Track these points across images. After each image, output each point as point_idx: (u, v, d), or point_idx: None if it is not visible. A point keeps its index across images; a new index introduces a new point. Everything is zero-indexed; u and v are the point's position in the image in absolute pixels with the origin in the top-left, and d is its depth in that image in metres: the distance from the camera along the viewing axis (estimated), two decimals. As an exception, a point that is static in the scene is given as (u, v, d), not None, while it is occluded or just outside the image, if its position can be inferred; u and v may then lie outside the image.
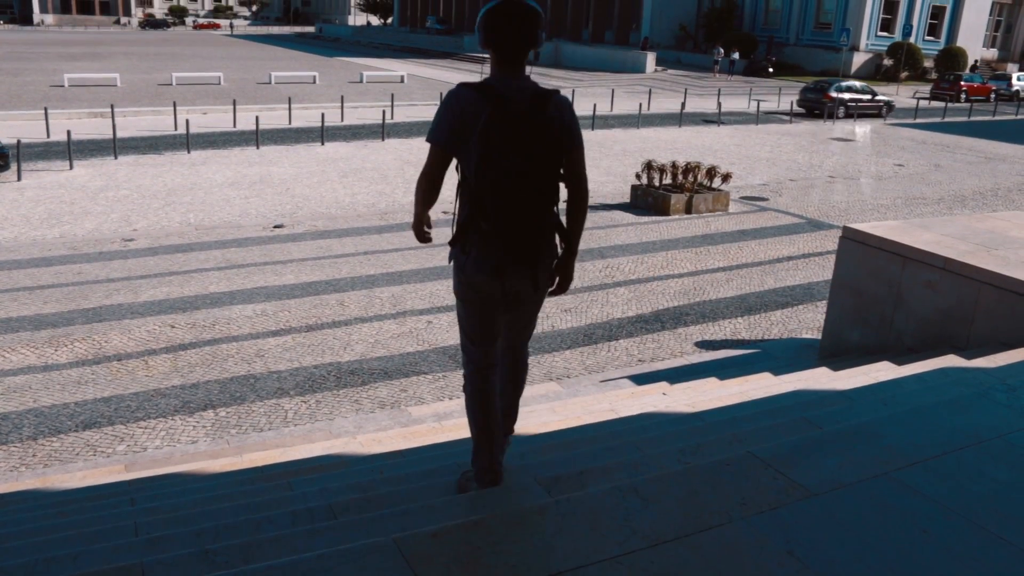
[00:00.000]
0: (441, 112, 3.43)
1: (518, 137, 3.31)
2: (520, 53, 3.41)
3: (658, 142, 26.26)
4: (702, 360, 9.00)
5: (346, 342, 9.29)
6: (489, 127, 3.28)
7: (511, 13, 3.35)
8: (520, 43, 3.39)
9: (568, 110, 3.47)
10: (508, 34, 3.37)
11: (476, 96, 3.34)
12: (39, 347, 8.94)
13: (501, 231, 3.38)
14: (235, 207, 16.36)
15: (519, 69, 3.42)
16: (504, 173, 3.33)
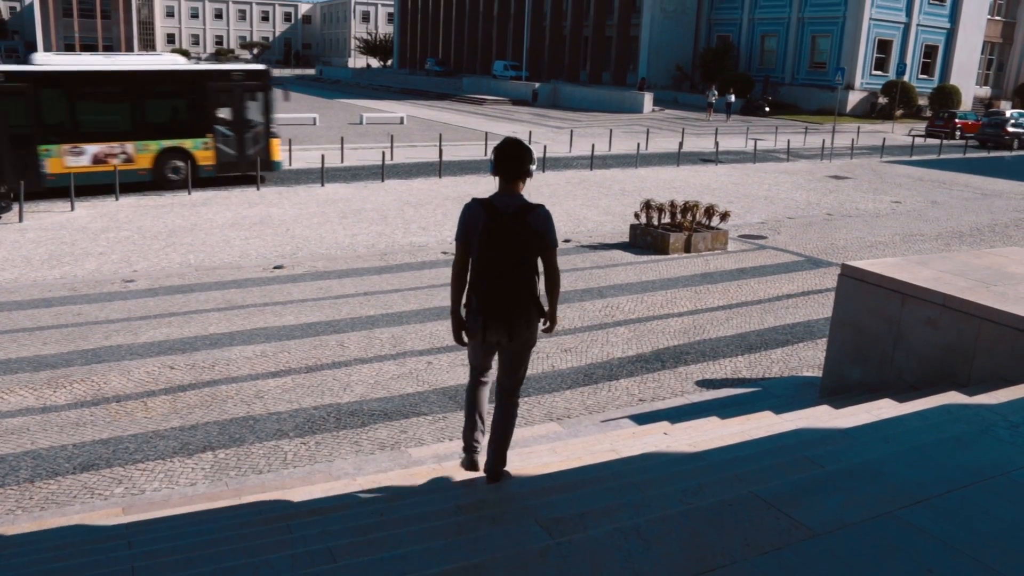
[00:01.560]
0: (460, 219, 5.00)
1: (503, 238, 4.79)
2: (513, 180, 4.95)
3: (656, 181, 26.41)
4: (703, 399, 8.96)
5: (346, 383, 9.26)
6: (484, 230, 4.81)
7: (508, 153, 4.93)
8: (513, 174, 4.95)
9: (544, 219, 4.92)
10: (506, 167, 4.94)
11: (479, 208, 4.91)
12: (38, 388, 8.92)
13: (483, 304, 4.92)
14: (235, 248, 16.41)
15: (514, 188, 4.95)
16: (489, 263, 4.84)
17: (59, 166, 20.63)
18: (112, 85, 21.87)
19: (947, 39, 59.49)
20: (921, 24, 57.84)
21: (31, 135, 20.44)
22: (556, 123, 46.39)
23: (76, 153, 20.89)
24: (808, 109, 55.88)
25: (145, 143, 21.83)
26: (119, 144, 21.49)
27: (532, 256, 4.91)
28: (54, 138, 20.70)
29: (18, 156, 20.18)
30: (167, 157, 22.16)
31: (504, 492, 5.21)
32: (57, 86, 21.05)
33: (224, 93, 23.10)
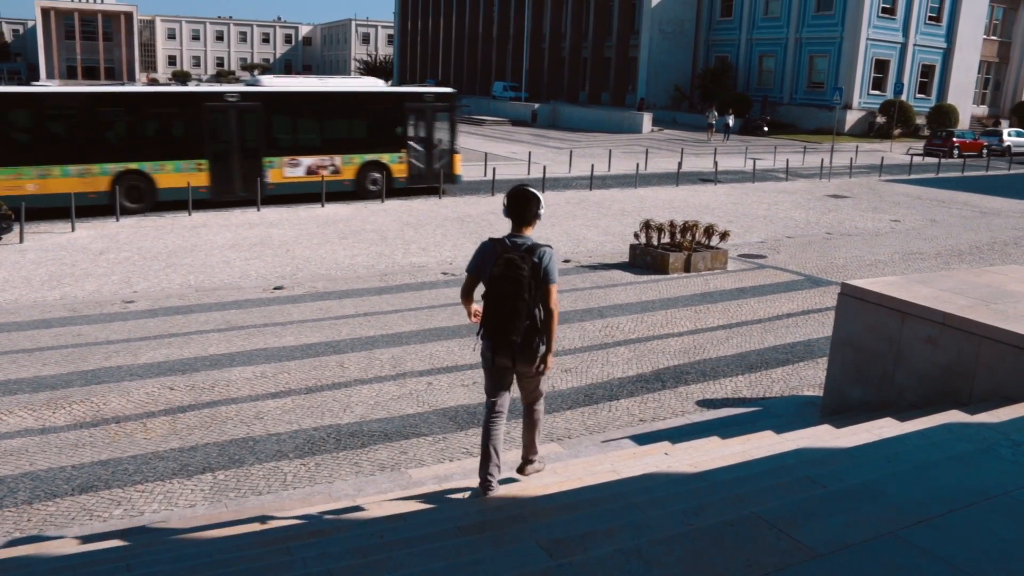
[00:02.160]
0: (475, 253, 5.73)
1: (512, 273, 5.44)
2: (522, 223, 5.64)
3: (656, 201, 26.47)
4: (703, 419, 8.94)
5: (346, 404, 9.24)
6: (495, 265, 5.50)
7: (518, 200, 5.63)
8: (522, 218, 5.64)
9: (548, 259, 5.56)
10: (515, 212, 5.64)
11: (492, 246, 5.62)
12: (37, 409, 8.90)
13: (492, 332, 5.63)
14: (235, 269, 16.43)
15: (523, 229, 5.64)
16: (499, 294, 5.52)
17: (279, 176, 23.84)
18: (325, 105, 24.83)
19: (944, 59, 59.83)
20: (918, 44, 58.19)
21: (258, 148, 23.48)
22: (556, 143, 46.56)
23: (293, 165, 24.07)
24: (806, 128, 56.12)
25: (350, 157, 24.86)
26: (329, 157, 24.52)
27: (536, 290, 5.55)
28: (276, 151, 23.74)
29: (247, 166, 23.32)
30: (367, 169, 25.22)
31: (505, 513, 5.20)
32: (281, 105, 24.19)
33: (417, 112, 26.06)
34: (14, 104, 21.57)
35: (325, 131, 24.88)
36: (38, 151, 21.19)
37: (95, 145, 21.83)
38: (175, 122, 23.15)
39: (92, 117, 22.02)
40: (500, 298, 5.51)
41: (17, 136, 21.44)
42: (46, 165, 21.03)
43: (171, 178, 22.36)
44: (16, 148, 21.10)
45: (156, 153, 22.38)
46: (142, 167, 22.10)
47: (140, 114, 22.73)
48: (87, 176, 21.44)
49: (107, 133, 22.28)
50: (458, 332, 12.10)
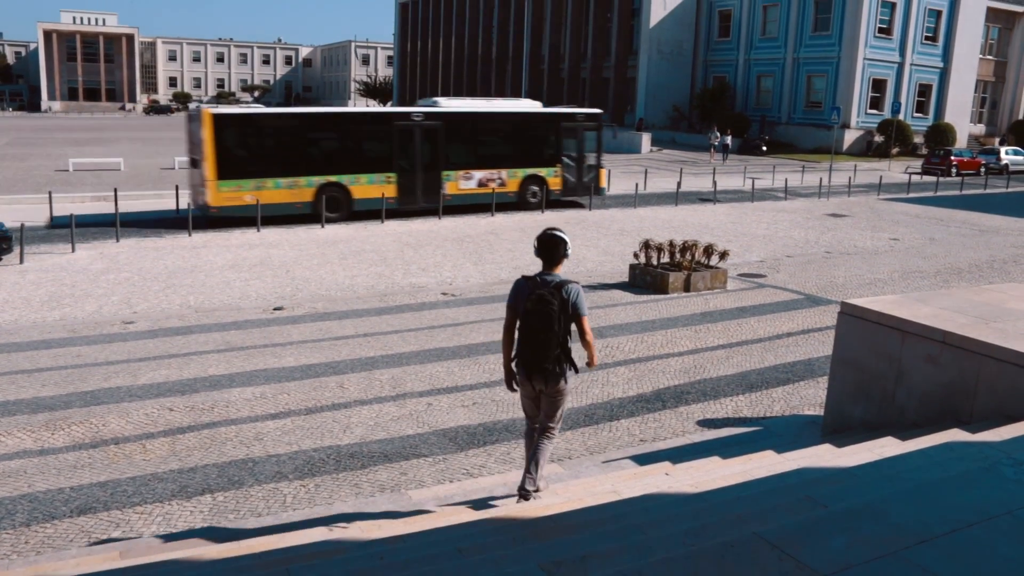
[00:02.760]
0: (511, 290, 6.34)
1: (543, 307, 6.05)
2: (552, 263, 6.27)
3: (655, 221, 26.53)
4: (704, 439, 8.91)
5: (345, 425, 9.22)
6: (528, 300, 6.10)
7: (547, 243, 6.27)
8: (551, 258, 6.28)
9: (576, 294, 6.18)
10: (545, 253, 6.28)
11: (526, 282, 6.25)
12: (36, 431, 8.87)
13: (527, 359, 6.25)
14: (235, 289, 16.44)
15: (552, 269, 6.27)
16: (532, 326, 6.13)
17: (454, 188, 26.45)
18: (494, 124, 28.02)
19: (941, 78, 60.17)
20: (915, 64, 58.54)
21: (437, 163, 26.05)
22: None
23: (467, 178, 26.70)
24: (805, 148, 56.34)
25: (514, 171, 27.47)
26: (496, 172, 27.12)
27: (565, 322, 6.15)
28: (452, 166, 26.33)
29: (428, 179, 25.95)
30: (528, 183, 27.79)
31: (505, 534, 5.17)
32: (457, 124, 26.66)
33: (570, 131, 28.54)
34: (236, 124, 24.07)
35: (493, 148, 27.64)
36: (255, 166, 23.77)
37: (302, 160, 24.47)
38: (369, 139, 25.89)
39: (301, 135, 24.92)
40: (533, 330, 6.15)
41: (238, 152, 23.73)
42: (261, 178, 23.62)
43: (365, 190, 25.06)
44: (236, 163, 23.36)
45: (352, 167, 25.00)
46: (341, 180, 24.72)
47: (340, 132, 25.77)
48: (295, 188, 24.10)
49: (312, 149, 25.03)
50: (458, 353, 12.09)
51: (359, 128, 26.36)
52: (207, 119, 22.81)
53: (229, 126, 23.53)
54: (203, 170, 22.99)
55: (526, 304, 6.13)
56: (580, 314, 6.18)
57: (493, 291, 16.46)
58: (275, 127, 25.18)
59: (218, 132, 22.92)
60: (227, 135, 23.28)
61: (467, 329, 13.46)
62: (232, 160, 23.24)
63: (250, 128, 24.52)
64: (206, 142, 22.76)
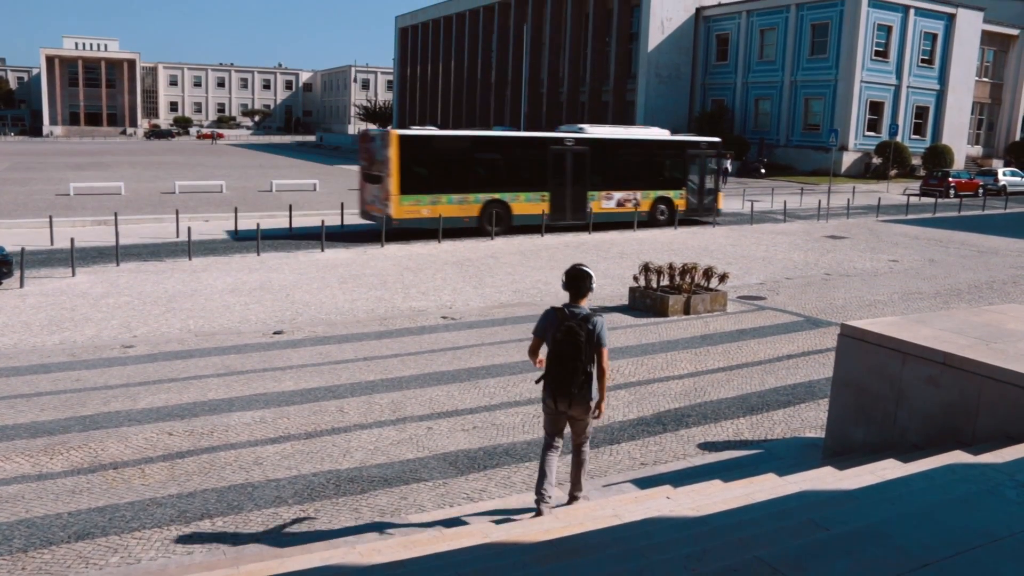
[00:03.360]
0: (539, 319, 6.97)
1: (570, 337, 6.69)
2: (578, 296, 6.93)
3: (655, 244, 26.58)
4: (705, 462, 8.88)
5: (345, 449, 9.18)
6: (557, 330, 6.75)
7: (575, 278, 6.95)
8: (578, 291, 6.95)
9: (600, 326, 6.79)
10: (572, 287, 6.96)
11: (555, 313, 6.85)
12: (34, 455, 8.83)
13: (554, 383, 6.84)
14: (235, 313, 16.43)
15: (579, 301, 6.91)
16: (559, 354, 6.74)
17: (597, 207, 29.36)
18: (631, 149, 30.84)
19: (937, 100, 60.55)
20: (911, 86, 58.92)
21: (584, 183, 28.88)
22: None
23: (608, 198, 29.72)
24: (803, 170, 56.57)
25: (647, 192, 30.56)
26: (632, 193, 30.18)
27: (589, 351, 6.75)
28: (596, 186, 29.25)
29: (576, 198, 28.80)
30: (658, 203, 30.86)
31: (506, 560, 5.14)
32: (601, 149, 29.49)
33: (693, 157, 31.77)
34: (417, 144, 26.46)
35: (630, 171, 30.37)
36: (431, 183, 26.48)
37: (471, 179, 27.26)
38: (528, 161, 28.37)
39: (470, 156, 27.60)
40: (562, 358, 6.75)
41: (418, 170, 26.19)
42: (436, 194, 26.38)
43: (523, 206, 27.95)
44: (416, 180, 25.97)
45: (513, 186, 27.78)
46: (503, 197, 27.57)
47: (503, 154, 28.23)
48: (464, 204, 26.94)
49: (480, 169, 27.55)
50: (458, 376, 12.07)
51: (519, 151, 28.90)
52: (394, 139, 25.50)
53: (412, 146, 26.05)
54: (386, 186, 25.55)
55: (556, 335, 6.77)
56: (602, 345, 6.83)
57: (493, 315, 16.46)
58: (449, 148, 27.77)
59: (402, 151, 25.55)
60: (409, 154, 25.82)
61: (467, 353, 13.44)
62: (413, 177, 25.81)
63: (429, 148, 26.94)
64: (391, 160, 25.35)
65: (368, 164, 27.21)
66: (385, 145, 25.73)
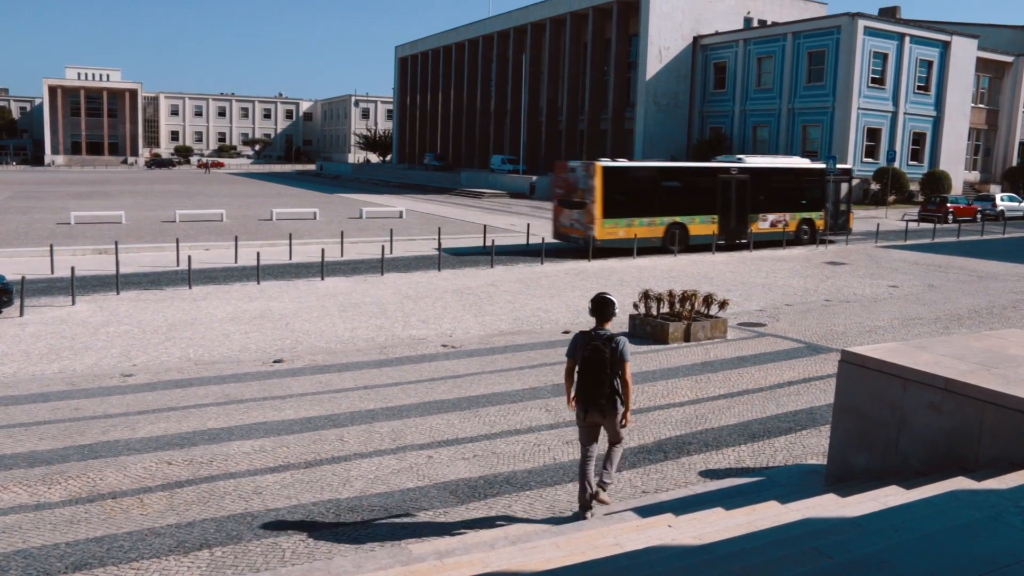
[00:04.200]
0: (571, 342, 7.94)
1: (597, 356, 7.64)
2: (603, 320, 7.82)
3: (654, 271, 26.61)
4: (707, 490, 8.83)
5: (345, 478, 9.14)
6: (585, 351, 7.70)
7: (599, 305, 7.84)
8: (602, 316, 7.84)
9: (622, 345, 7.67)
10: (598, 312, 7.86)
11: (583, 336, 7.80)
12: (32, 485, 8.79)
13: (584, 398, 7.79)
14: (235, 342, 16.42)
15: (604, 324, 7.80)
16: (588, 371, 7.70)
17: (756, 228, 33.21)
18: (782, 177, 34.88)
19: (934, 126, 60.90)
20: (908, 112, 59.28)
21: (745, 207, 32.70)
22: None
23: (764, 220, 33.58)
24: (802, 197, 56.70)
25: (794, 214, 34.43)
26: (782, 215, 34.04)
27: (614, 368, 7.69)
28: (755, 210, 33.03)
29: (738, 220, 32.63)
30: (802, 223, 34.70)
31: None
32: (759, 177, 33.27)
33: (831, 182, 35.64)
34: (617, 174, 30.14)
35: (780, 196, 34.13)
36: (627, 207, 30.12)
37: (657, 204, 30.93)
38: (701, 188, 32.04)
39: (657, 183, 31.49)
40: (590, 374, 7.70)
41: (617, 197, 29.72)
42: (631, 217, 30.00)
43: (698, 228, 31.58)
44: (616, 205, 29.63)
45: (689, 210, 31.43)
46: (682, 220, 31.24)
47: (682, 182, 32.24)
48: (651, 226, 30.59)
49: (663, 196, 31.26)
50: (458, 405, 12.03)
51: (694, 179, 32.59)
52: (599, 170, 29.14)
53: (612, 176, 29.66)
54: (591, 210, 29.20)
55: (584, 353, 7.71)
56: (624, 360, 7.75)
57: (493, 343, 16.44)
58: (641, 177, 31.87)
59: (605, 180, 29.20)
60: (610, 183, 29.43)
61: (467, 381, 13.41)
62: (613, 203, 29.49)
63: (625, 177, 30.85)
64: (596, 188, 29.00)
65: (566, 191, 30.69)
66: (589, 175, 29.33)
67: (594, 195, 29.09)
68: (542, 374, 13.76)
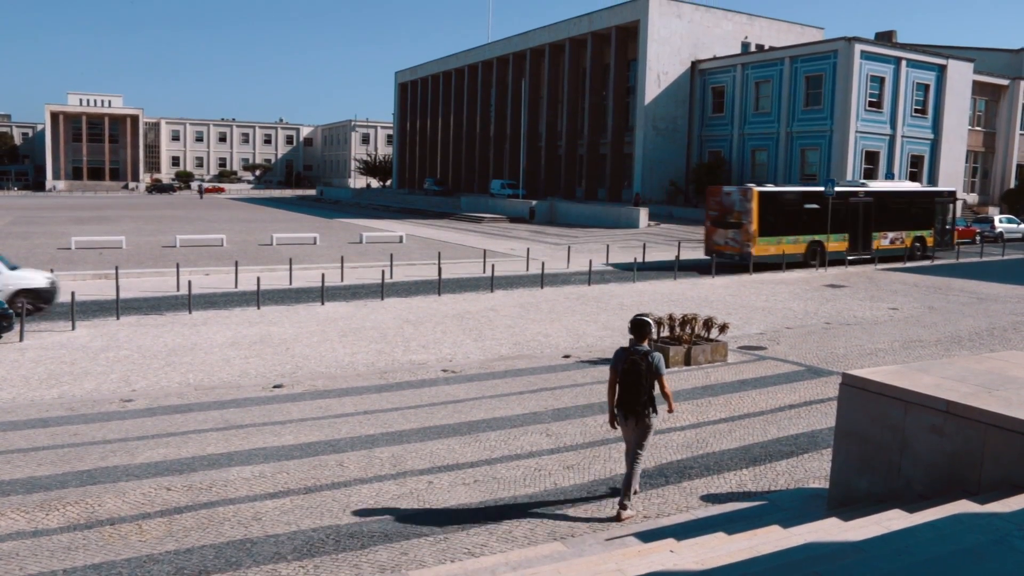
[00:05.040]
0: (613, 356, 8.97)
1: (634, 368, 8.66)
2: (640, 338, 8.86)
3: (654, 295, 26.60)
4: (709, 514, 8.79)
5: (345, 504, 9.10)
6: (624, 364, 8.72)
7: (638, 325, 8.90)
8: (640, 335, 8.89)
9: (657, 359, 8.73)
10: (636, 332, 8.90)
11: (624, 352, 8.78)
12: (30, 511, 8.74)
13: (623, 405, 8.80)
14: (235, 367, 16.39)
15: (641, 342, 8.82)
16: (627, 382, 8.72)
17: (877, 244, 37.02)
18: (899, 199, 38.72)
19: (932, 149, 61.18)
20: (906, 135, 59.57)
21: (869, 226, 36.61)
22: (554, 239, 47.09)
23: (884, 237, 37.39)
24: (801, 220, 56.85)
25: (909, 232, 38.38)
26: (899, 233, 37.97)
27: (649, 378, 8.74)
28: (877, 228, 36.90)
29: (864, 237, 36.48)
30: (915, 241, 38.63)
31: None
32: (881, 199, 37.24)
33: (938, 203, 39.93)
34: (771, 198, 34.12)
35: (898, 216, 37.94)
36: (777, 227, 34.05)
37: (800, 224, 34.88)
38: (835, 209, 35.01)
39: (799, 206, 35.09)
40: (628, 384, 8.76)
41: (770, 218, 33.73)
42: (780, 236, 34.06)
43: (832, 245, 35.40)
44: (769, 225, 33.68)
45: (826, 229, 34.93)
46: (820, 238, 35.09)
47: (820, 204, 34.81)
48: (795, 243, 34.64)
49: (805, 216, 34.91)
50: (458, 430, 12.00)
51: (829, 202, 34.87)
52: (755, 194, 33.31)
53: (766, 199, 33.74)
54: (748, 229, 33.22)
55: (623, 366, 8.72)
56: (660, 374, 8.80)
57: (493, 368, 16.41)
58: (788, 200, 35.44)
59: (761, 203, 33.34)
60: (765, 205, 33.48)
61: (467, 406, 13.38)
62: (767, 223, 33.58)
63: (776, 201, 34.57)
64: (753, 210, 33.13)
65: (721, 213, 34.59)
66: (747, 198, 33.45)
67: (751, 216, 33.21)
68: (542, 399, 13.72)
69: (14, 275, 20.93)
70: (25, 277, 21.19)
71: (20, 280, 20.84)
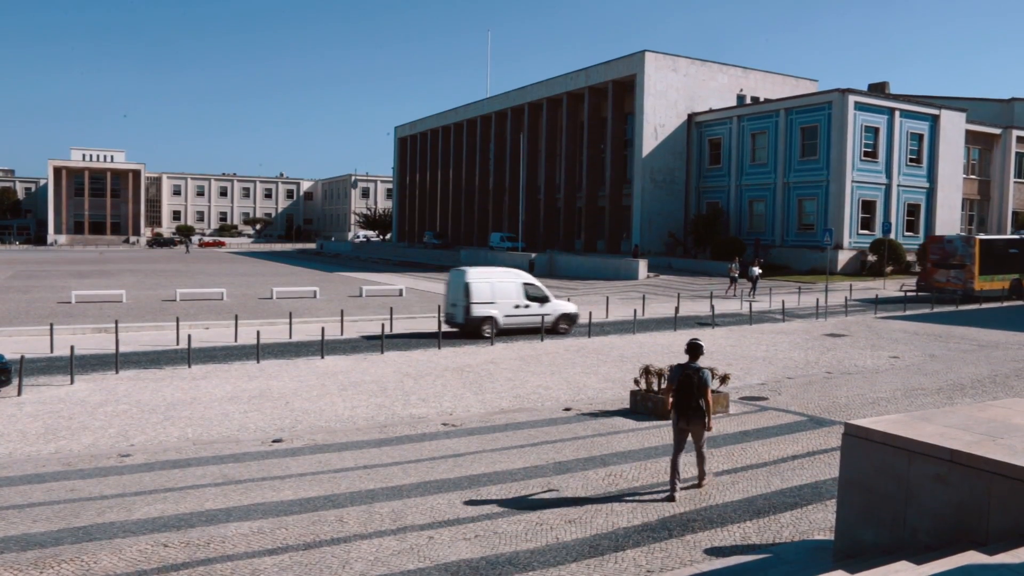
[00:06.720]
0: (671, 372, 12.10)
1: (688, 381, 11.29)
2: (694, 358, 11.49)
3: (654, 346, 26.57)
4: (712, 568, 8.66)
5: (344, 560, 8.97)
6: (679, 378, 11.40)
7: (693, 346, 11.65)
8: (694, 355, 11.53)
9: (706, 375, 11.30)
10: (691, 353, 11.58)
11: (680, 367, 11.48)
12: (23, 570, 8.61)
13: (678, 411, 11.40)
14: (234, 421, 16.30)
15: (694, 360, 11.43)
16: (682, 392, 11.36)
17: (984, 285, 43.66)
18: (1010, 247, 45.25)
19: (928, 197, 61.64)
20: (901, 184, 60.06)
21: None
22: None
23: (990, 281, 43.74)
24: (800, 269, 57.03)
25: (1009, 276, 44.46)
26: (1002, 275, 43.77)
27: (700, 390, 11.18)
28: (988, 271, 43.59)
29: None
30: (1014, 284, 44.40)
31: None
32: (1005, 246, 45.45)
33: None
34: (991, 244, 43.76)
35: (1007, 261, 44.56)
36: (990, 267, 42.68)
37: (1005, 265, 43.86)
38: None
39: (1006, 251, 44.35)
40: (682, 393, 11.21)
41: (987, 260, 42.46)
42: (992, 275, 42.74)
43: None
44: (986, 265, 42.36)
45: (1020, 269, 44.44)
46: (1018, 276, 44.21)
47: (1020, 249, 44.55)
48: (1002, 280, 43.42)
49: (1009, 259, 44.09)
50: (459, 484, 11.88)
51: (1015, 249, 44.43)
52: (978, 242, 42.63)
53: (986, 245, 43.01)
54: (971, 270, 41.88)
55: (680, 379, 11.22)
56: (706, 386, 11.19)
57: (494, 421, 16.32)
58: (999, 246, 44.39)
59: (982, 248, 42.41)
60: (984, 250, 42.50)
61: (468, 460, 13.27)
62: (985, 264, 42.35)
63: (991, 246, 43.54)
64: (975, 254, 41.96)
65: (941, 257, 43.05)
66: (970, 244, 42.55)
67: (973, 259, 42.01)
68: (544, 452, 13.62)
69: None
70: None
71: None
